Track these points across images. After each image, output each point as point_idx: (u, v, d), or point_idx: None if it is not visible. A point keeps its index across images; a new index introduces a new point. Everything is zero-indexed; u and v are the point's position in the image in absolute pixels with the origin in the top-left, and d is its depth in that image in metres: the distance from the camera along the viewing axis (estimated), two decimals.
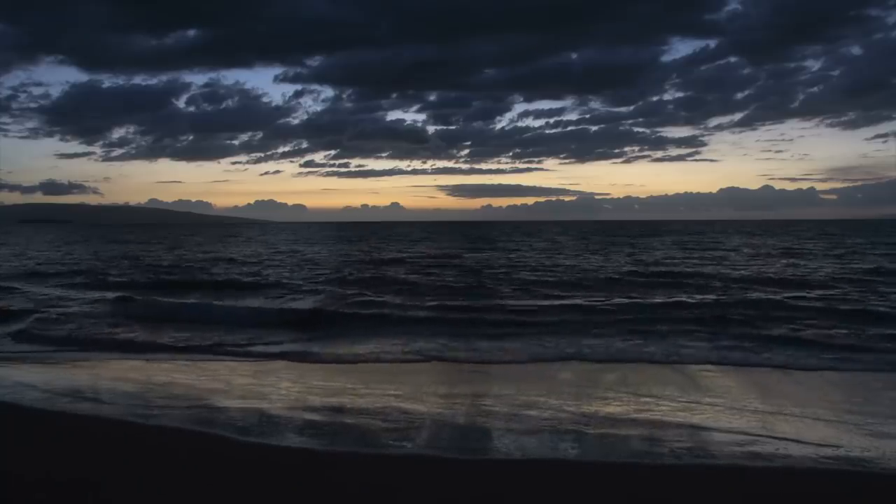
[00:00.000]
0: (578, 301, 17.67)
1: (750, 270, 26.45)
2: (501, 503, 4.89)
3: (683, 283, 22.17)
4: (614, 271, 26.57)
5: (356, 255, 40.46)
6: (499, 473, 5.59)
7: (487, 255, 39.73)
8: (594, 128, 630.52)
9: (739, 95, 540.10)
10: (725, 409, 7.80)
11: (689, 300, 17.32)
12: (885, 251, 38.60)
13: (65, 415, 7.33)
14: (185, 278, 25.31)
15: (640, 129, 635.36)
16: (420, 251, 44.27)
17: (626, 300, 17.81)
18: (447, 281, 23.25)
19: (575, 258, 35.59)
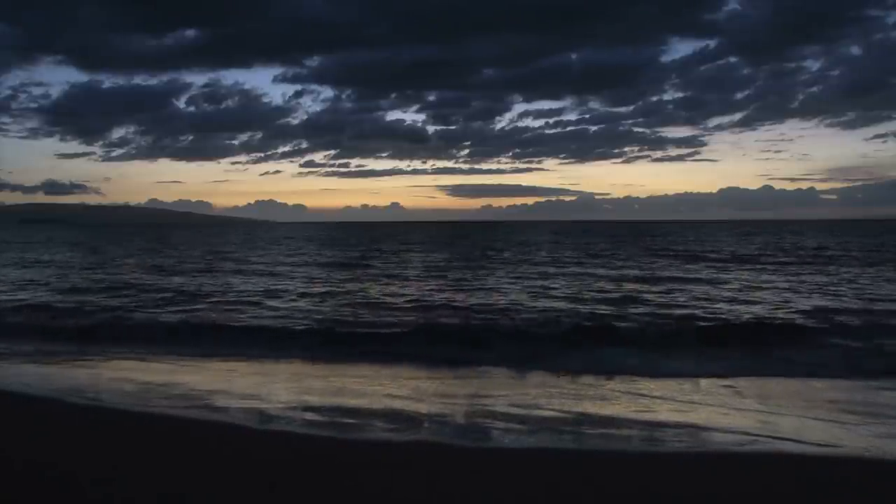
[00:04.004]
0: None
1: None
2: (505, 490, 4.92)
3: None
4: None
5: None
6: (501, 463, 5.61)
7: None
8: (594, 128, 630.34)
9: (739, 95, 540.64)
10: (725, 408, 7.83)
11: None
12: None
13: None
14: None
15: (640, 129, 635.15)
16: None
17: None
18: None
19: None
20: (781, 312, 15.62)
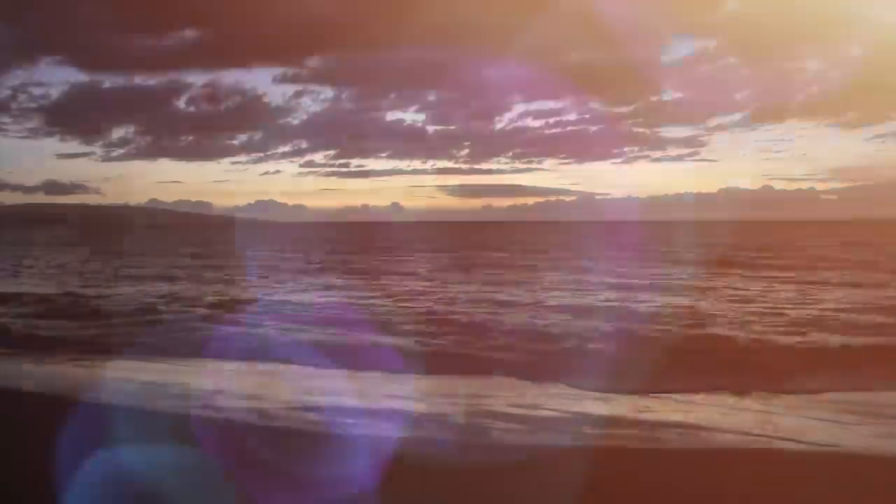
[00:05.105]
0: None
1: None
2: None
3: None
4: None
5: None
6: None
7: None
8: (594, 128, 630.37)
9: (739, 95, 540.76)
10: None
11: None
12: None
13: None
14: None
15: (640, 130, 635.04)
16: None
17: None
18: None
19: None
20: (776, 320, 15.30)
